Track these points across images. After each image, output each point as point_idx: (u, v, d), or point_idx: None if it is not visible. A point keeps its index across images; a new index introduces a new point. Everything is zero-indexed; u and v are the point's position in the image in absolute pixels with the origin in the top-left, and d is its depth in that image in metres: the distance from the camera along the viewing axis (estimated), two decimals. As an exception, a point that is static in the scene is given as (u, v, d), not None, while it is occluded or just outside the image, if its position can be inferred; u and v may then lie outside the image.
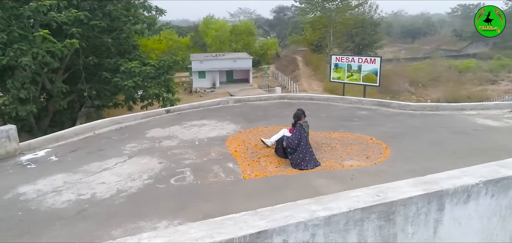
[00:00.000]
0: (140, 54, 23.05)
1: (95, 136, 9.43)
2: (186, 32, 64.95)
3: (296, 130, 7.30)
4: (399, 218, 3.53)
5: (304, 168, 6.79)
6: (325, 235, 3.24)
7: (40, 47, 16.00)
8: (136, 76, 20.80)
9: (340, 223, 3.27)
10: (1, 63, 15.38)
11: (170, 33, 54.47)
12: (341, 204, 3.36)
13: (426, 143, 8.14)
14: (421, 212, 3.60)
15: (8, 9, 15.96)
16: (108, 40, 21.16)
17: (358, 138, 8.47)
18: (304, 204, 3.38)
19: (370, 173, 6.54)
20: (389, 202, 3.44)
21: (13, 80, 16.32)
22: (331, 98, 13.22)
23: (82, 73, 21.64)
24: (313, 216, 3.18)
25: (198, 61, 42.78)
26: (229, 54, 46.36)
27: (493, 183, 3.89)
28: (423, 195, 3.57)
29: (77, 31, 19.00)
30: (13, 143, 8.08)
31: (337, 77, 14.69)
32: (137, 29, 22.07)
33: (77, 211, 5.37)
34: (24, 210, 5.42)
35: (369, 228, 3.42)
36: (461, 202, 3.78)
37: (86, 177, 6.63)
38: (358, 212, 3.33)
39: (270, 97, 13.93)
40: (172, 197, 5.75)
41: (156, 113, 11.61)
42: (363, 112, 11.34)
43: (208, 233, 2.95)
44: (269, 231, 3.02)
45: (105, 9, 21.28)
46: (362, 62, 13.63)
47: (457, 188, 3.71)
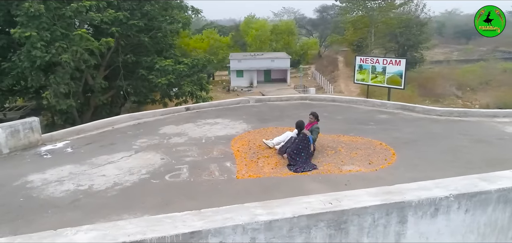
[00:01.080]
0: (175, 53, 23.76)
1: (112, 130, 9.90)
2: (228, 31, 66.02)
3: (299, 140, 7.21)
4: (353, 228, 3.38)
5: (300, 171, 6.68)
6: (267, 240, 3.18)
7: (79, 45, 17.06)
8: (169, 74, 21.49)
9: (283, 228, 3.20)
10: (44, 60, 16.57)
11: (212, 32, 55.52)
12: (286, 209, 3.29)
13: (440, 150, 7.66)
14: (379, 223, 3.42)
15: (52, 9, 17.17)
16: (145, 39, 22.04)
17: (367, 143, 8.16)
18: (249, 207, 3.35)
19: (367, 179, 6.29)
20: (339, 210, 3.31)
21: (55, 76, 17.53)
22: (353, 100, 12.82)
23: (121, 70, 22.78)
24: (253, 219, 3.14)
25: (236, 60, 43.30)
26: (267, 54, 46.43)
27: (467, 197, 3.60)
28: (381, 205, 3.39)
29: (116, 30, 20.04)
30: (36, 134, 8.71)
31: (361, 79, 14.22)
32: (172, 29, 22.76)
33: (71, 200, 5.69)
34: (26, 197, 5.84)
35: (317, 236, 3.31)
36: (428, 216, 3.54)
37: (91, 168, 6.99)
38: (303, 218, 3.23)
39: (291, 97, 13.80)
40: (161, 193, 5.91)
41: (175, 111, 11.95)
42: (383, 116, 10.89)
43: (142, 230, 3.01)
44: (203, 232, 3.02)
45: (143, 9, 22.21)
46: (387, 64, 13.06)
47: (422, 200, 3.48)
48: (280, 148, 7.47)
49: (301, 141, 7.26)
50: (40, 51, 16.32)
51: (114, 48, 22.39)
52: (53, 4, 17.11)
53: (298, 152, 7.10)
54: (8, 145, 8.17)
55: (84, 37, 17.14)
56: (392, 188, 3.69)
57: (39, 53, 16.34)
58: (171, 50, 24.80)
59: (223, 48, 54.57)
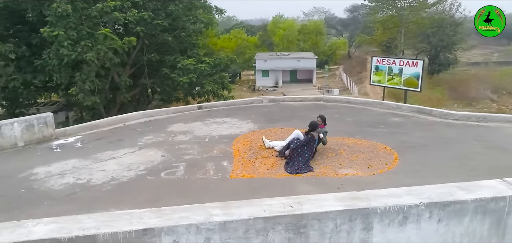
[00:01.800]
0: (197, 52, 24.12)
1: (124, 127, 10.20)
2: (257, 31, 66.27)
3: (306, 140, 7.13)
4: (313, 233, 3.31)
5: (294, 173, 6.60)
6: (222, 241, 3.18)
7: (103, 44, 17.70)
8: (191, 73, 21.85)
9: (238, 230, 3.18)
10: (71, 58, 17.33)
11: (239, 32, 55.93)
12: (244, 211, 3.27)
13: (447, 156, 7.33)
14: (342, 229, 3.33)
15: (79, 9, 17.92)
16: (169, 39, 22.52)
17: (371, 146, 7.94)
18: (208, 207, 3.36)
19: (362, 183, 6.11)
20: (298, 214, 3.25)
21: (81, 73, 18.28)
22: (368, 102, 12.51)
23: (145, 69, 23.42)
24: (208, 219, 3.15)
25: (262, 60, 43.39)
26: (294, 54, 46.20)
27: (440, 207, 3.43)
28: (343, 210, 3.30)
29: (141, 30, 20.63)
30: (50, 128, 9.13)
31: (377, 81, 13.82)
32: (195, 28, 23.12)
33: (68, 193, 5.92)
34: (27, 188, 6.14)
35: (275, 239, 3.27)
36: (396, 224, 3.40)
37: (93, 163, 7.24)
38: (259, 221, 3.20)
39: (305, 98, 13.65)
40: (154, 189, 6.03)
41: (188, 109, 12.15)
42: (396, 119, 10.56)
43: (98, 225, 3.09)
44: (156, 229, 3.06)
45: (167, 9, 22.72)
46: (404, 65, 12.61)
47: (389, 207, 3.35)
48: (281, 150, 7.41)
49: (307, 142, 7.17)
50: (66, 50, 17.08)
51: (139, 47, 23.08)
52: (80, 5, 17.86)
53: (302, 152, 7.02)
54: (23, 139, 8.62)
55: (108, 37, 17.76)
56: (360, 193, 3.58)
57: (66, 52, 17.11)
58: (194, 50, 25.20)
59: (250, 48, 54.85)
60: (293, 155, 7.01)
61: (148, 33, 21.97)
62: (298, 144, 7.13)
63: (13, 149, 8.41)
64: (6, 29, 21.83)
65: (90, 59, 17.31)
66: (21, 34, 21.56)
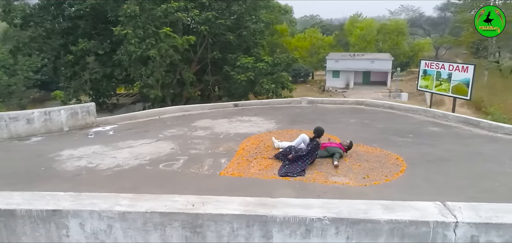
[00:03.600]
0: (258, 51, 24.58)
1: (157, 119, 10.99)
2: (333, 30, 64.73)
3: (311, 147, 6.99)
4: (210, 234, 3.34)
5: (284, 175, 6.51)
6: (124, 230, 3.40)
7: (165, 42, 19.12)
8: (249, 72, 22.40)
9: (137, 221, 3.37)
10: (138, 54, 19.08)
11: (314, 31, 55.27)
12: (145, 204, 3.43)
13: (465, 174, 6.52)
14: (239, 233, 3.31)
15: (147, 10, 19.60)
16: (231, 37, 23.36)
17: (382, 156, 7.41)
18: (118, 197, 3.59)
19: (347, 193, 5.80)
20: (194, 213, 3.32)
21: (146, 68, 20.00)
22: (413, 109, 11.54)
23: (208, 66, 24.65)
24: (110, 208, 3.39)
25: (333, 60, 42.34)
26: (368, 55, 44.14)
27: (348, 223, 3.20)
28: (239, 215, 3.28)
29: (205, 28, 21.82)
30: (92, 116, 10.27)
31: (424, 86, 12.60)
32: (255, 28, 23.59)
33: (74, 175, 6.68)
34: (47, 167, 7.06)
35: (173, 235, 3.38)
36: (298, 235, 3.27)
37: (111, 150, 8.00)
38: (156, 215, 3.34)
39: (345, 101, 13.12)
40: (141, 179, 6.47)
41: (223, 106, 12.59)
42: (434, 128, 9.63)
43: (22, 201, 3.54)
44: (64, 211, 3.41)
45: (231, 9, 23.58)
46: (453, 70, 11.28)
47: (289, 217, 3.23)
48: (277, 154, 7.34)
49: (312, 149, 7.02)
50: (133, 47, 18.85)
51: (204, 45, 24.39)
52: (147, 6, 19.53)
53: (302, 157, 6.91)
54: (68, 124, 9.86)
55: (169, 35, 19.11)
56: (270, 200, 3.49)
57: (133, 48, 18.89)
58: (256, 49, 25.70)
59: (325, 48, 53.91)
60: (294, 159, 6.90)
61: (212, 32, 23.07)
62: (303, 151, 6.98)
63: (59, 132, 9.67)
64: (93, 28, 24.83)
65: (152, 56, 18.83)
66: (104, 32, 24.32)
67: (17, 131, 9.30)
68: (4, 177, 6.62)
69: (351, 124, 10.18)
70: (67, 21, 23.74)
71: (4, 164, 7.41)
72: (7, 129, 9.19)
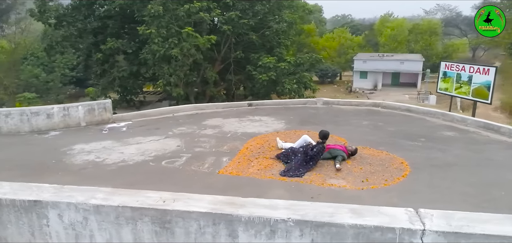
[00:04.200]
0: (280, 51, 24.50)
1: (171, 117, 11.24)
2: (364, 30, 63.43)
3: (316, 150, 6.92)
4: (179, 230, 3.41)
5: (283, 175, 6.49)
6: (98, 222, 3.54)
7: (187, 41, 19.48)
8: (270, 71, 22.39)
9: (110, 215, 3.49)
10: (160, 53, 19.56)
11: (343, 31, 54.39)
12: (118, 199, 3.55)
13: (470, 182, 6.23)
14: (206, 231, 3.36)
15: (170, 10, 20.05)
16: (253, 37, 23.43)
17: (387, 159, 7.22)
18: (96, 190, 3.73)
19: (342, 196, 5.70)
20: (162, 209, 3.40)
21: (169, 67, 20.46)
22: (431, 112, 11.13)
23: (231, 65, 24.86)
24: (86, 201, 3.53)
25: (361, 60, 41.50)
26: (397, 55, 42.88)
27: (312, 226, 3.17)
28: (206, 213, 3.33)
29: (228, 28, 22.04)
30: (108, 113, 10.66)
31: (444, 89, 12.06)
32: (278, 28, 23.53)
33: (80, 168, 6.97)
34: (57, 160, 7.42)
35: (144, 230, 3.48)
36: (263, 236, 3.27)
37: (120, 146, 8.28)
38: (128, 209, 3.45)
39: (362, 103, 12.85)
40: (143, 174, 6.66)
41: (237, 105, 12.68)
42: (449, 133, 9.26)
43: (8, 191, 3.76)
44: (43, 202, 3.59)
45: (254, 9, 23.66)
46: (474, 72, 10.73)
47: (254, 217, 3.25)
48: (279, 154, 7.33)
49: (318, 152, 6.96)
50: (157, 46, 19.35)
51: (227, 44, 24.62)
52: (171, 6, 19.98)
53: (306, 161, 6.85)
54: (85, 120, 10.28)
55: (191, 35, 19.45)
56: (240, 200, 3.51)
57: (156, 48, 19.39)
58: (278, 48, 25.62)
59: (354, 48, 52.96)
60: (299, 163, 6.81)
61: (235, 32, 23.25)
62: (309, 155, 6.88)
63: (76, 127, 10.11)
64: (121, 27, 25.69)
65: (174, 55, 19.24)
66: (132, 32, 25.10)
67: (38, 125, 9.81)
68: (18, 168, 7.02)
69: (362, 126, 9.97)
70: (97, 20, 24.69)
71: (21, 156, 7.85)
72: (28, 123, 9.72)
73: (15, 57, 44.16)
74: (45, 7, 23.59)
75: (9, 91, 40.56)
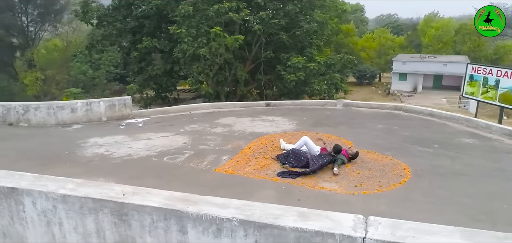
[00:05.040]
0: (310, 51, 24.19)
1: (188, 115, 11.55)
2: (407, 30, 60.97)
3: (326, 159, 6.80)
4: (135, 223, 3.55)
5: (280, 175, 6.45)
6: (66, 211, 3.77)
7: (215, 41, 19.84)
8: (299, 72, 22.21)
9: (75, 204, 3.71)
10: (190, 52, 20.08)
11: (384, 31, 52.60)
12: (84, 190, 3.75)
13: (472, 193, 5.85)
14: (158, 226, 3.47)
15: (201, 10, 20.52)
16: (283, 37, 23.36)
17: (390, 165, 6.96)
18: (68, 181, 3.96)
19: (330, 200, 5.61)
20: (120, 202, 3.55)
21: (198, 66, 20.94)
22: (454, 118, 10.54)
23: (261, 65, 24.96)
24: (55, 191, 3.77)
25: (400, 62, 39.96)
26: (441, 57, 40.79)
27: (256, 227, 3.18)
28: (158, 208, 3.44)
29: (258, 28, 22.19)
30: (128, 109, 11.16)
31: (470, 93, 11.29)
32: (309, 28, 23.26)
33: (88, 160, 7.38)
34: (70, 152, 7.90)
35: (104, 220, 3.65)
36: (210, 234, 3.33)
37: (131, 140, 8.66)
38: (89, 201, 3.65)
39: (382, 106, 12.42)
40: (144, 168, 6.92)
41: (255, 105, 12.80)
42: (467, 140, 8.74)
43: (-7, 178, 4.09)
44: (19, 190, 3.88)
45: (285, 9, 23.59)
46: (501, 76, 9.93)
47: (201, 215, 3.31)
48: (278, 155, 7.30)
49: (327, 162, 6.81)
50: (186, 45, 19.89)
51: (258, 44, 24.75)
52: (201, 6, 20.44)
53: (315, 168, 6.73)
54: (106, 115, 10.85)
55: (219, 35, 19.77)
56: (194, 197, 3.57)
57: (186, 47, 19.93)
58: (309, 49, 25.32)
59: (395, 49, 51.13)
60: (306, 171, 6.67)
61: (266, 32, 23.32)
62: (319, 163, 6.73)
63: (98, 122, 10.70)
64: (157, 27, 26.67)
65: (203, 54, 19.67)
66: (166, 31, 25.96)
67: (63, 119, 10.50)
68: (34, 157, 7.58)
69: (376, 129, 9.66)
70: (135, 20, 25.80)
71: (41, 146, 8.46)
72: (55, 116, 10.43)
73: (67, 54, 47.39)
74: (88, 8, 25.02)
75: (60, 86, 43.56)
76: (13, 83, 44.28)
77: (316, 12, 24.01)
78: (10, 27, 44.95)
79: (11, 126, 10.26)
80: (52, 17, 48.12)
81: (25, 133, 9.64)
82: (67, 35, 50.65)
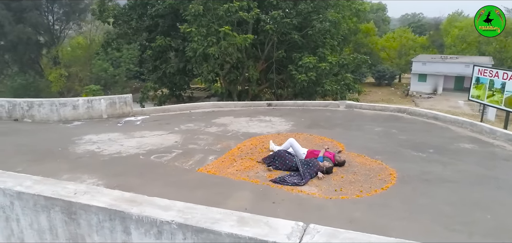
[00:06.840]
0: (323, 51, 23.86)
1: (188, 113, 11.61)
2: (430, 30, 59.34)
3: (312, 166, 6.63)
4: (83, 222, 3.58)
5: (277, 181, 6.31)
6: (22, 208, 3.85)
7: (225, 40, 19.89)
8: (310, 72, 21.98)
9: (29, 202, 3.77)
10: (199, 51, 20.21)
11: (405, 31, 51.38)
12: (37, 187, 3.81)
13: (456, 202, 5.58)
14: (104, 226, 3.48)
15: (211, 9, 20.61)
16: (295, 36, 23.17)
17: (377, 170, 6.76)
18: (26, 178, 4.03)
19: (305, 204, 5.49)
20: (68, 201, 3.58)
21: (207, 65, 21.06)
22: (458, 122, 10.15)
23: (273, 65, 24.85)
24: (11, 187, 3.85)
25: (420, 62, 38.92)
26: (463, 58, 39.42)
27: (193, 231, 3.14)
28: (103, 208, 3.44)
29: (270, 27, 22.09)
30: (128, 107, 11.33)
31: (476, 96, 10.79)
32: (321, 28, 22.98)
33: (78, 157, 7.53)
34: (64, 148, 8.08)
35: (56, 218, 3.70)
36: (152, 236, 3.30)
37: (124, 138, 8.78)
38: (42, 198, 3.70)
39: (386, 108, 12.10)
40: (129, 166, 6.98)
41: (256, 105, 12.73)
42: (466, 145, 8.40)
43: (-40, 173, 4.22)
44: (-19, 185, 3.97)
45: (298, 8, 23.39)
46: (507, 79, 9.42)
47: (143, 217, 3.29)
48: (265, 157, 7.21)
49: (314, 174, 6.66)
50: (196, 44, 20.03)
51: (270, 44, 24.65)
52: (211, 5, 20.53)
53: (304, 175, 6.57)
54: (107, 112, 11.05)
55: (229, 34, 19.80)
56: (139, 197, 3.56)
57: (196, 46, 20.07)
58: (322, 49, 24.98)
59: (416, 49, 49.90)
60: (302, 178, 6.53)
61: (278, 31, 23.19)
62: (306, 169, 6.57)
63: (98, 119, 10.91)
64: (172, 26, 26.99)
65: (212, 53, 19.76)
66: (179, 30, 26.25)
67: (65, 115, 10.76)
68: (29, 152, 7.79)
69: (372, 132, 9.41)
70: (150, 19, 26.20)
71: (38, 142, 8.69)
72: (57, 112, 10.70)
73: (90, 52, 48.72)
74: (104, 7, 25.60)
75: (83, 83, 44.89)
76: (39, 80, 45.88)
77: (329, 12, 23.66)
78: (37, 26, 46.49)
79: (17, 121, 10.61)
80: (77, 16, 49.48)
81: (27, 128, 9.94)
82: (90, 33, 52.05)
